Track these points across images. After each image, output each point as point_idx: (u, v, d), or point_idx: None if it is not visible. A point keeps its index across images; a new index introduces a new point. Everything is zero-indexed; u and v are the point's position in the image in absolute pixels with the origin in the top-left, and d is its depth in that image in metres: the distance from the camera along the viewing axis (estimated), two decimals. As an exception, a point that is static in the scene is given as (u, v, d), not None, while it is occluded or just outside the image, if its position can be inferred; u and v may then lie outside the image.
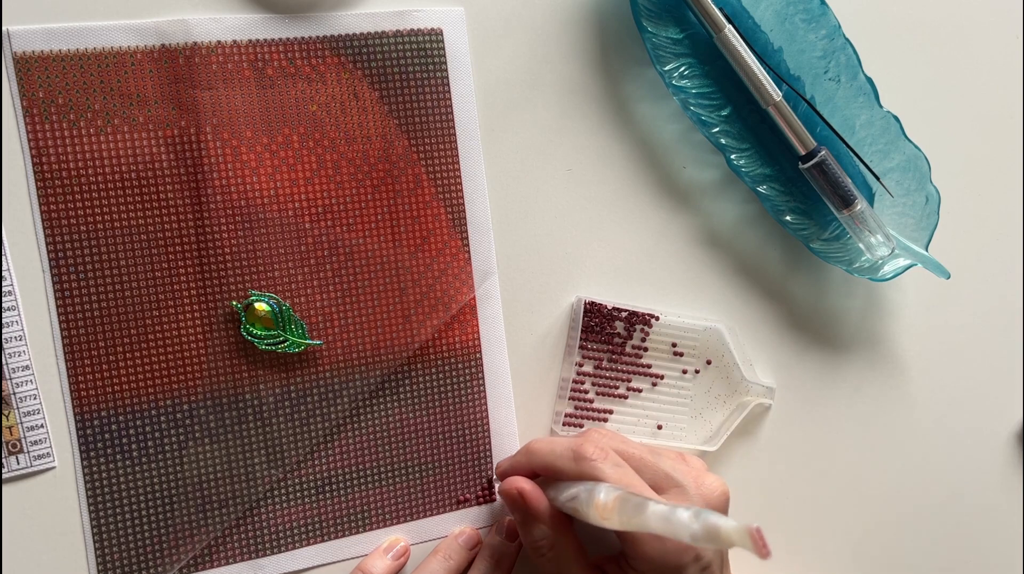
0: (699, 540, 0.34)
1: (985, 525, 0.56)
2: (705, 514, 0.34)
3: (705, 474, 0.44)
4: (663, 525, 0.35)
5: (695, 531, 0.34)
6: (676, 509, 0.35)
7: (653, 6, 0.46)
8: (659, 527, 0.35)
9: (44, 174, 0.41)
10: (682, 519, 0.34)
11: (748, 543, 0.32)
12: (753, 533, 0.31)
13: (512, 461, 0.45)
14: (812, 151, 0.46)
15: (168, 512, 0.43)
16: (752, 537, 0.31)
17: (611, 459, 0.41)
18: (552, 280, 0.48)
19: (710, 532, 0.33)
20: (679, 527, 0.34)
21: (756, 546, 0.31)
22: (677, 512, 0.34)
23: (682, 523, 0.34)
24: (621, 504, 0.37)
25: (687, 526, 0.34)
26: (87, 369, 0.42)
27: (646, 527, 0.35)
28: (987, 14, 0.53)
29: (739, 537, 0.32)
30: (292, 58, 0.43)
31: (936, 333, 0.54)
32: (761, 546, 0.31)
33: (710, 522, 0.33)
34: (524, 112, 0.47)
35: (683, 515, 0.34)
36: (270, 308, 0.43)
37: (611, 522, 0.37)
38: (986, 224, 0.55)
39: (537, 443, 0.43)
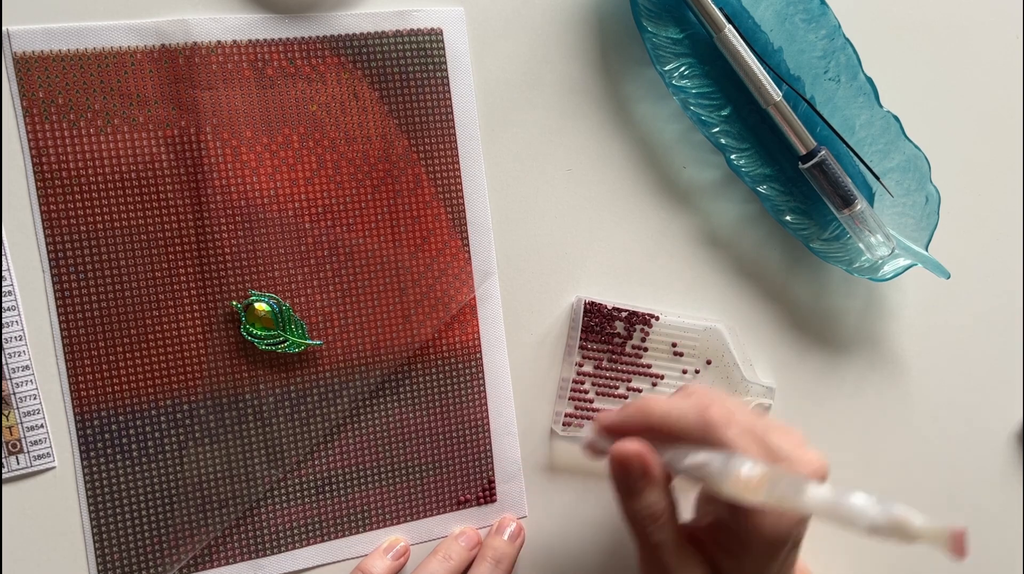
0: (880, 532, 0.30)
1: (985, 525, 0.56)
2: (890, 504, 0.30)
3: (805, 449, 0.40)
4: (828, 509, 0.31)
5: (875, 521, 0.30)
6: (846, 493, 0.31)
7: (653, 6, 0.46)
8: (821, 510, 0.32)
9: (44, 174, 0.41)
10: (857, 506, 0.31)
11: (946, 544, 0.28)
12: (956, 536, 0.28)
13: (622, 417, 0.40)
14: (812, 151, 0.46)
15: (168, 512, 0.43)
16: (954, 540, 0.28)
17: (736, 425, 0.37)
18: (552, 280, 0.48)
19: (897, 525, 0.30)
20: (853, 515, 0.31)
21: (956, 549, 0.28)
22: (849, 498, 0.31)
23: (858, 511, 0.31)
24: (772, 481, 0.33)
25: (865, 515, 0.31)
26: (87, 369, 0.42)
27: (801, 508, 0.32)
28: (987, 14, 0.53)
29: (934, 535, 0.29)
30: (292, 58, 0.43)
31: (936, 333, 0.54)
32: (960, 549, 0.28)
33: (898, 515, 0.30)
34: (524, 112, 0.47)
35: (858, 501, 0.31)
36: (270, 308, 0.43)
37: (754, 497, 0.34)
38: (986, 224, 0.55)
39: (653, 401, 0.39)
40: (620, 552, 0.50)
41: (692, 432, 0.38)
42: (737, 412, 0.39)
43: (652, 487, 0.38)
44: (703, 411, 0.38)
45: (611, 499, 0.50)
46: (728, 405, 0.39)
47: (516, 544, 0.47)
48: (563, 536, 0.49)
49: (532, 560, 0.49)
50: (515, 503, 0.48)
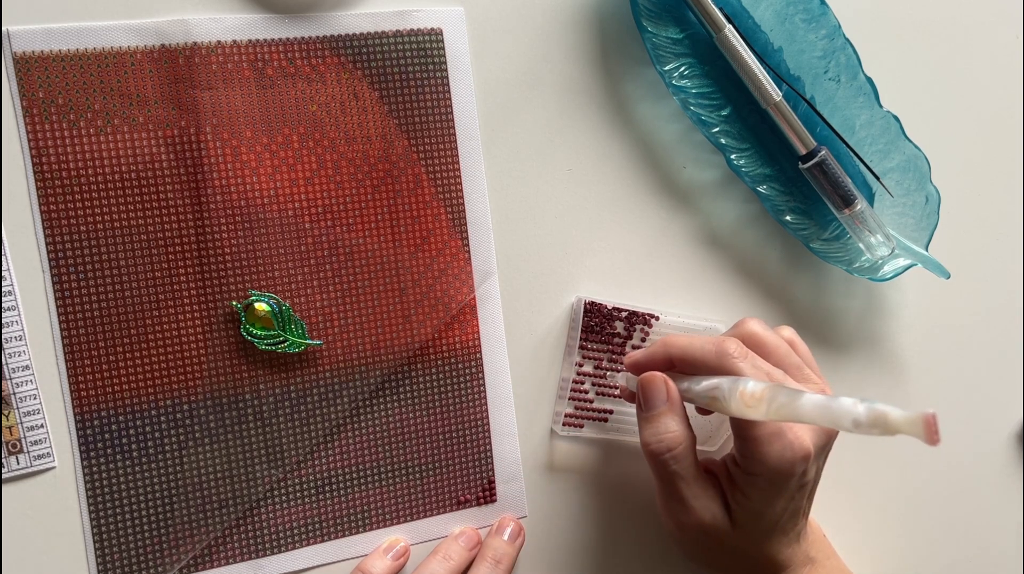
0: (862, 426, 0.32)
1: (985, 525, 0.56)
2: (870, 401, 0.32)
3: None
4: (819, 413, 0.34)
5: (858, 417, 0.32)
6: (836, 397, 0.34)
7: (653, 6, 0.46)
8: (815, 415, 0.34)
9: (44, 174, 0.41)
10: (844, 405, 0.33)
11: (920, 431, 0.30)
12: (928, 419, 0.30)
13: (647, 351, 0.44)
14: (812, 151, 0.46)
15: (168, 512, 0.43)
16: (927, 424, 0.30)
17: (750, 359, 0.41)
18: (552, 280, 0.48)
19: (877, 418, 0.32)
20: (840, 414, 0.33)
21: (928, 433, 0.30)
22: (838, 399, 0.33)
23: (844, 410, 0.33)
24: (772, 393, 0.36)
25: (849, 412, 0.33)
26: (87, 369, 0.42)
27: (798, 417, 0.35)
28: (987, 14, 0.53)
29: (909, 425, 0.31)
30: (292, 58, 0.43)
31: (936, 333, 0.54)
32: (933, 433, 0.30)
33: (878, 409, 0.32)
34: (524, 112, 0.47)
35: (845, 402, 0.33)
36: (270, 308, 0.43)
37: (756, 410, 0.37)
38: (986, 224, 0.55)
39: (675, 337, 0.43)
40: (620, 552, 0.50)
41: (710, 362, 0.41)
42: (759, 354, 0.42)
43: (671, 413, 0.42)
44: (720, 344, 0.41)
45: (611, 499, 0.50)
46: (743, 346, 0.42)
47: (516, 544, 0.47)
48: (563, 536, 0.49)
49: (532, 560, 0.49)
50: (515, 503, 0.48)
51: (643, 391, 0.43)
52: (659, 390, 0.42)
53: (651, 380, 0.42)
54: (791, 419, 0.36)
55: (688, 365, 0.42)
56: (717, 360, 0.41)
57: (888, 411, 0.32)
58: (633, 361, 0.45)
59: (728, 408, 0.38)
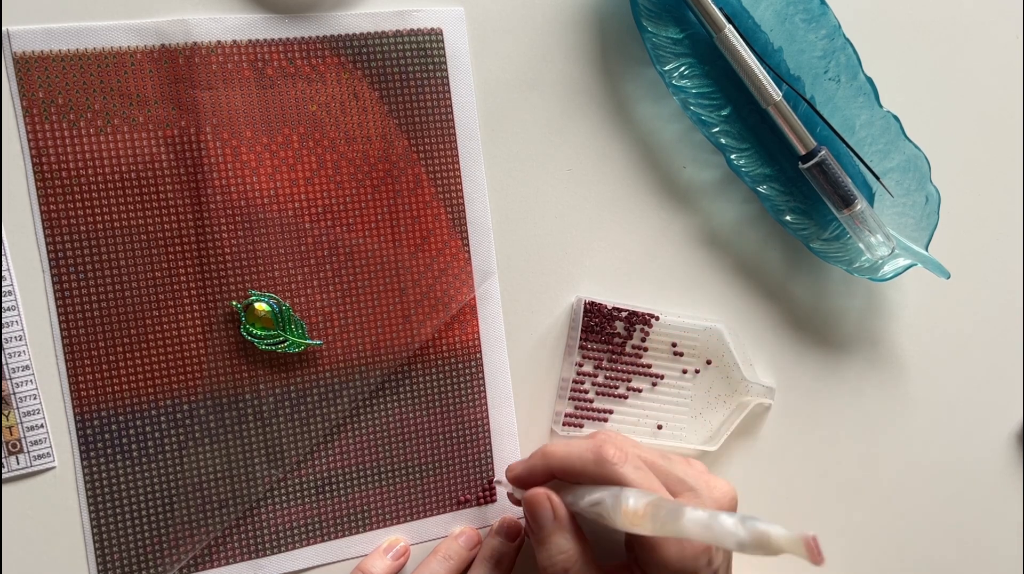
0: (746, 547, 0.33)
1: (985, 525, 0.56)
2: (752, 521, 0.33)
3: (712, 477, 0.44)
4: (703, 532, 0.34)
5: (741, 538, 0.33)
6: (718, 515, 0.34)
7: (653, 6, 0.46)
8: (698, 534, 0.34)
9: (44, 174, 0.41)
10: (726, 526, 0.33)
11: (802, 551, 0.31)
12: (809, 542, 0.31)
13: (527, 464, 0.43)
14: (812, 151, 0.46)
15: (168, 512, 0.43)
16: (808, 546, 0.31)
17: (631, 462, 0.40)
18: (552, 280, 0.48)
19: (759, 540, 0.32)
20: (722, 534, 0.33)
21: (811, 555, 0.31)
22: (719, 518, 0.34)
23: (726, 530, 0.33)
24: (654, 510, 0.36)
25: (732, 533, 0.33)
26: (87, 369, 0.42)
27: (682, 533, 0.35)
28: (987, 14, 0.53)
29: (791, 545, 0.31)
30: (292, 58, 0.43)
31: (936, 333, 0.54)
32: (816, 554, 0.30)
33: (759, 529, 0.32)
34: (524, 112, 0.47)
35: (727, 522, 0.33)
36: (270, 308, 0.43)
37: (642, 528, 0.36)
38: (986, 224, 0.55)
39: (553, 446, 0.42)
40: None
41: (588, 471, 0.40)
42: (633, 450, 0.41)
43: (560, 531, 0.41)
44: (597, 450, 0.40)
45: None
46: (624, 444, 0.41)
47: (516, 544, 0.47)
48: (563, 536, 0.49)
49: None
50: (515, 503, 0.48)
51: (528, 512, 0.41)
52: (544, 510, 0.41)
53: (534, 501, 0.41)
54: (676, 535, 0.35)
55: (568, 476, 0.41)
56: (596, 469, 0.40)
57: (769, 531, 0.32)
58: (515, 475, 0.44)
59: (614, 523, 0.38)
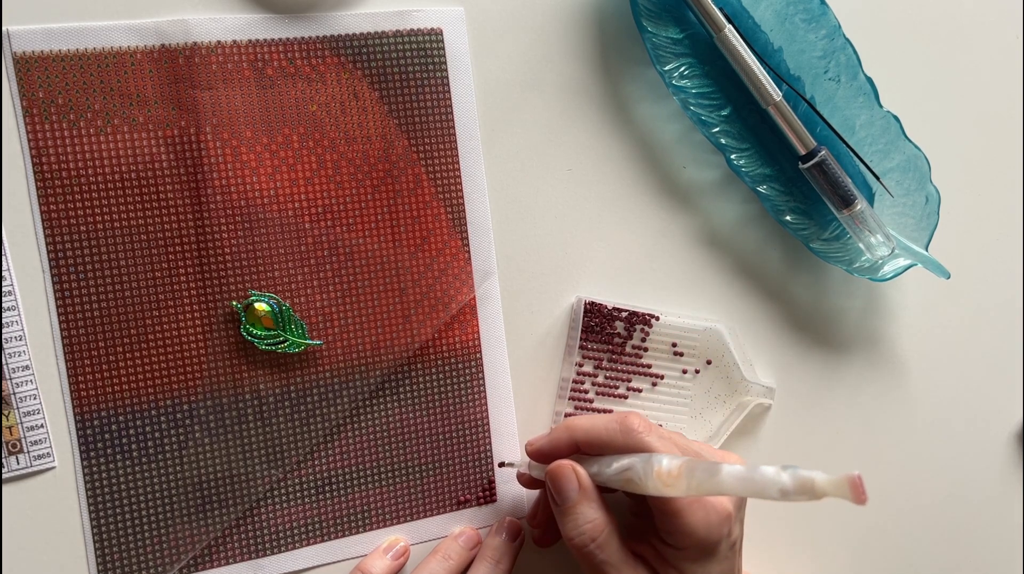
0: (789, 494, 0.33)
1: (985, 525, 0.56)
2: (793, 468, 0.33)
3: (727, 453, 0.44)
4: (742, 485, 0.34)
5: (785, 485, 0.33)
6: (757, 467, 0.34)
7: (653, 6, 0.46)
8: (737, 488, 0.34)
9: (44, 174, 0.41)
10: (767, 475, 0.33)
11: (847, 492, 0.31)
12: (854, 481, 0.31)
13: (549, 438, 0.43)
14: (812, 151, 0.46)
15: (168, 512, 0.43)
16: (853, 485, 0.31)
17: (656, 432, 0.40)
18: (552, 280, 0.48)
19: (804, 485, 0.33)
20: (764, 484, 0.33)
21: (855, 494, 0.31)
22: (760, 469, 0.34)
23: (768, 479, 0.33)
24: (689, 469, 0.36)
25: (774, 482, 0.33)
26: (87, 369, 0.42)
27: (720, 490, 0.35)
28: (987, 14, 0.53)
29: (836, 487, 0.32)
30: (292, 58, 0.43)
31: (936, 333, 0.54)
32: (861, 493, 0.31)
33: (802, 475, 0.33)
34: (524, 112, 0.47)
35: (767, 471, 0.33)
36: (270, 308, 0.43)
37: (675, 488, 0.36)
38: (986, 224, 0.55)
39: (576, 419, 0.42)
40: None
41: (616, 440, 0.40)
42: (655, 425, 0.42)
43: (587, 501, 0.40)
44: (623, 420, 0.40)
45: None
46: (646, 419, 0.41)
47: (516, 544, 0.47)
48: (563, 536, 0.49)
49: (532, 560, 0.49)
50: (515, 503, 0.48)
51: (553, 484, 0.41)
52: (570, 480, 0.41)
53: (560, 471, 0.41)
54: (712, 493, 0.35)
55: (594, 447, 0.41)
56: (623, 438, 0.40)
57: (814, 477, 0.32)
58: (536, 449, 0.43)
59: (645, 487, 0.37)
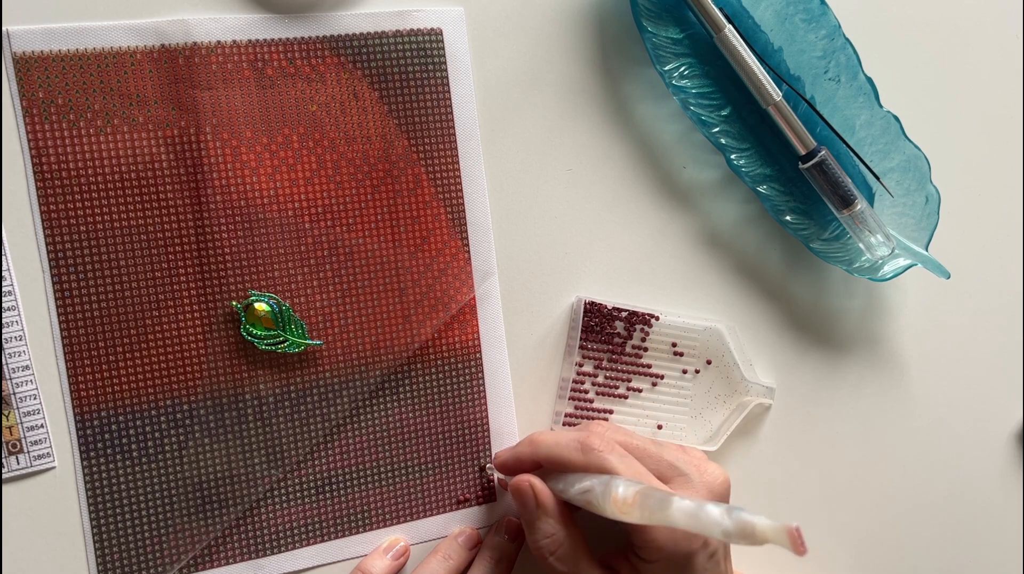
0: (731, 537, 0.33)
1: (985, 525, 0.56)
2: (737, 511, 0.33)
3: (706, 462, 0.44)
4: (690, 521, 0.34)
5: (727, 528, 0.33)
6: (704, 505, 0.34)
7: (653, 6, 0.46)
8: (685, 523, 0.35)
9: (44, 174, 0.41)
10: (712, 515, 0.34)
11: (786, 541, 0.31)
12: (792, 532, 0.31)
13: (514, 452, 0.44)
14: (812, 151, 0.46)
15: (168, 512, 0.43)
16: (791, 536, 0.31)
17: (617, 451, 0.41)
18: (552, 280, 0.48)
19: (744, 529, 0.33)
20: (708, 524, 0.34)
21: (794, 545, 0.31)
22: (705, 508, 0.34)
23: (712, 520, 0.34)
24: (643, 499, 0.36)
25: (718, 523, 0.34)
26: (87, 369, 0.42)
27: (670, 522, 0.35)
28: (987, 14, 0.53)
29: (775, 535, 0.32)
30: (292, 58, 0.43)
31: (936, 333, 0.54)
32: (799, 544, 0.31)
33: (743, 519, 0.33)
34: (524, 112, 0.47)
35: (713, 512, 0.34)
36: (270, 308, 0.43)
37: (630, 516, 0.37)
38: (986, 224, 0.55)
39: (540, 435, 0.43)
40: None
41: (576, 461, 0.41)
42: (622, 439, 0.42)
43: (546, 516, 0.41)
44: (583, 440, 0.41)
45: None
46: (608, 434, 0.42)
47: (516, 543, 0.47)
48: (563, 536, 0.49)
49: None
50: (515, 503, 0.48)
51: (514, 497, 0.42)
52: (527, 497, 0.42)
53: (517, 487, 0.42)
54: (663, 524, 0.36)
55: (555, 466, 0.42)
56: (583, 458, 0.41)
57: (754, 522, 0.33)
58: (501, 462, 0.45)
59: (603, 511, 0.38)
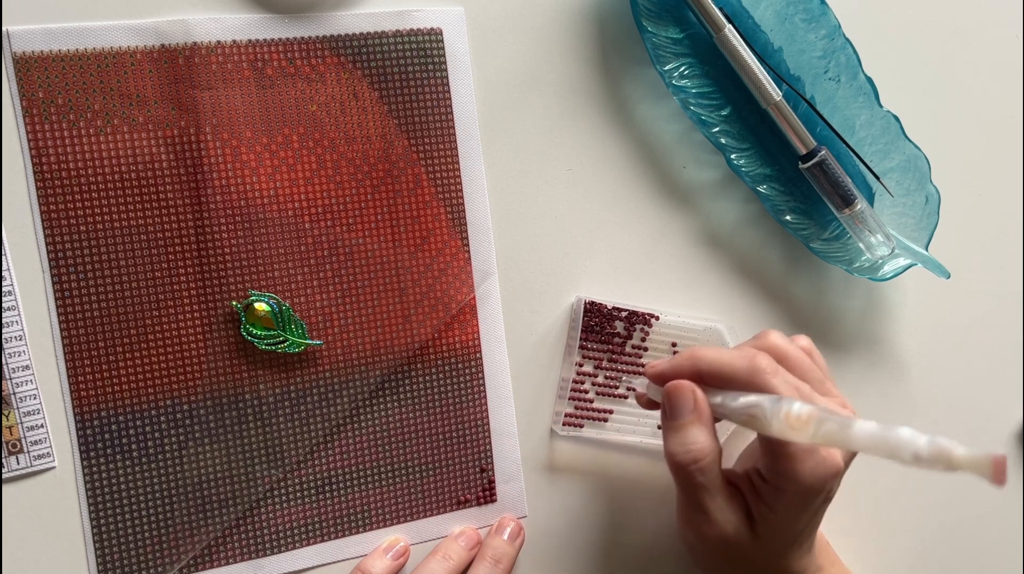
0: (923, 462, 0.32)
1: (985, 525, 0.56)
2: (932, 436, 0.32)
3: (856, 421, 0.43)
4: (875, 443, 0.33)
5: (919, 450, 0.32)
6: (893, 426, 0.33)
7: (653, 6, 0.46)
8: (869, 445, 0.33)
9: (44, 174, 0.41)
10: (903, 436, 0.32)
11: (988, 471, 0.30)
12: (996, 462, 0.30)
13: (672, 363, 0.42)
14: (812, 151, 0.46)
15: (168, 512, 0.43)
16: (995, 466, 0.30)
17: (782, 376, 0.40)
18: (552, 280, 0.48)
19: (940, 454, 0.31)
20: (899, 445, 0.32)
21: (996, 475, 0.30)
22: (895, 429, 0.33)
23: (904, 440, 0.32)
24: (820, 418, 0.35)
25: (910, 444, 0.32)
26: (87, 369, 0.42)
27: (848, 444, 0.34)
28: (987, 14, 0.53)
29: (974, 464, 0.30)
30: (292, 58, 0.43)
31: (936, 333, 0.54)
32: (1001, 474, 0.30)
33: (941, 444, 0.31)
34: (524, 112, 0.47)
35: (905, 432, 0.32)
36: (270, 308, 0.43)
37: (801, 434, 0.36)
38: (986, 224, 0.55)
39: (703, 350, 0.42)
40: (619, 552, 0.50)
41: (740, 377, 0.40)
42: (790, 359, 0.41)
43: (699, 424, 0.40)
44: (752, 359, 0.40)
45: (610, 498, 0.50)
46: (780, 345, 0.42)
47: (516, 544, 0.47)
48: (563, 536, 0.49)
49: (532, 560, 0.49)
50: (515, 503, 0.48)
51: (670, 399, 0.41)
52: (687, 399, 0.40)
53: (679, 388, 0.41)
54: (839, 445, 0.35)
55: (717, 380, 0.41)
56: (748, 376, 0.39)
57: (953, 448, 0.31)
58: (657, 371, 0.43)
59: (769, 428, 0.37)
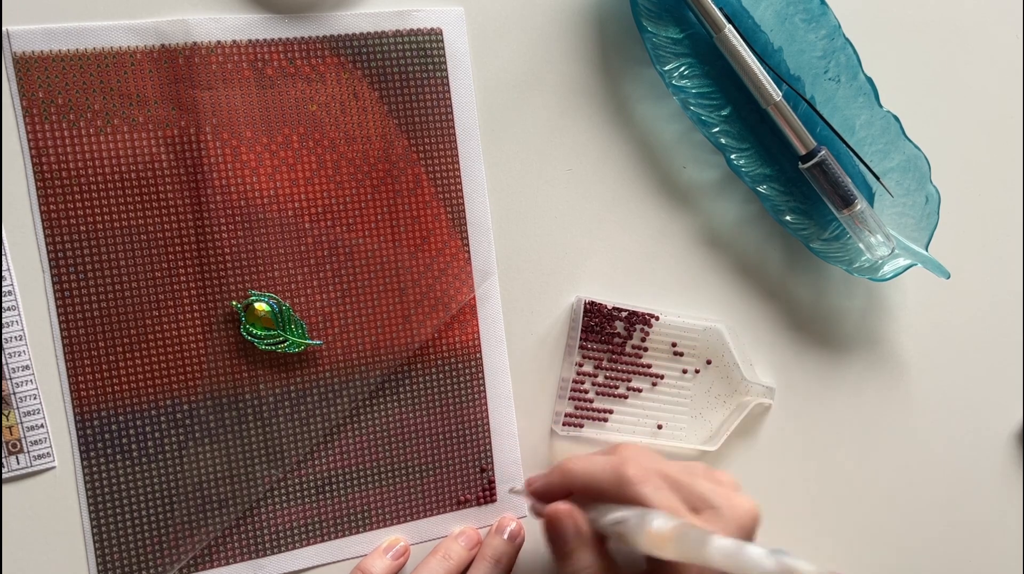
0: None
1: (985, 525, 0.56)
2: (780, 554, 0.33)
3: (736, 495, 0.42)
4: (728, 561, 0.34)
5: (768, 571, 0.33)
6: (743, 546, 0.34)
7: (653, 6, 0.46)
8: (723, 563, 0.34)
9: (44, 174, 0.41)
10: (752, 557, 0.33)
11: None
12: None
13: (546, 481, 0.43)
14: (812, 151, 0.46)
15: (168, 512, 0.43)
16: None
17: (653, 482, 0.39)
18: (552, 280, 0.48)
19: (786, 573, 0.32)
20: (748, 565, 0.33)
21: None
22: (746, 549, 0.34)
23: (753, 561, 0.33)
24: (680, 535, 0.36)
25: (759, 564, 0.33)
26: (87, 369, 0.42)
27: (706, 561, 0.35)
28: (987, 14, 0.53)
29: None
30: (292, 58, 0.43)
31: (936, 333, 0.54)
32: None
33: (787, 564, 0.32)
34: (524, 112, 0.47)
35: (753, 553, 0.33)
36: (270, 308, 0.43)
37: (665, 551, 0.36)
38: (986, 224, 0.55)
39: (573, 462, 0.42)
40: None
41: (610, 490, 0.40)
42: (655, 467, 0.41)
43: (584, 547, 0.40)
44: (618, 469, 0.40)
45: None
46: (645, 462, 0.41)
47: (516, 544, 0.47)
48: (563, 536, 0.49)
49: (532, 560, 0.49)
50: (515, 503, 0.48)
51: (551, 527, 0.41)
52: (568, 526, 0.40)
53: (558, 517, 0.40)
54: (700, 562, 0.35)
55: (590, 494, 0.41)
56: (617, 490, 0.39)
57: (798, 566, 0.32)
58: (534, 490, 0.44)
59: (637, 544, 0.37)
